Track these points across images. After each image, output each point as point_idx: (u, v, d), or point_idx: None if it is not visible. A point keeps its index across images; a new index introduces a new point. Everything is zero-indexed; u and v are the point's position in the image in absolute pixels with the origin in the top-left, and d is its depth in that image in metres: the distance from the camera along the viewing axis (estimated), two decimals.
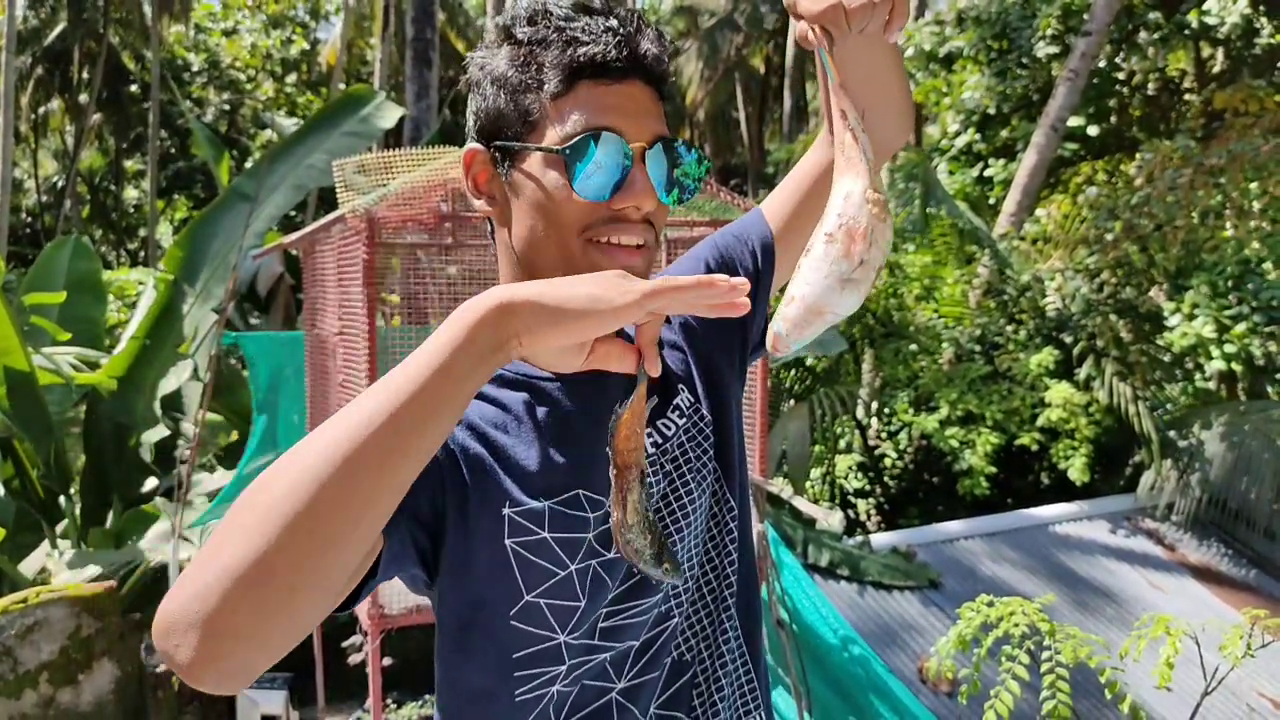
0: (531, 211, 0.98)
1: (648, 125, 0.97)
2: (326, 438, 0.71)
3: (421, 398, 0.73)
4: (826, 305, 0.88)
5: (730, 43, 22.48)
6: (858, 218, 0.89)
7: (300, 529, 0.68)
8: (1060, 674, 1.67)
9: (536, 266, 1.00)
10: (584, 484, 1.01)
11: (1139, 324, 8.53)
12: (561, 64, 0.94)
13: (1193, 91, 11.41)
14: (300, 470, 0.70)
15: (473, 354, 0.75)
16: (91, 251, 7.88)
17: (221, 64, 21.66)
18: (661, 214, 1.00)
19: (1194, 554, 7.50)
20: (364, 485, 0.70)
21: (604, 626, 1.02)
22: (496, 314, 0.75)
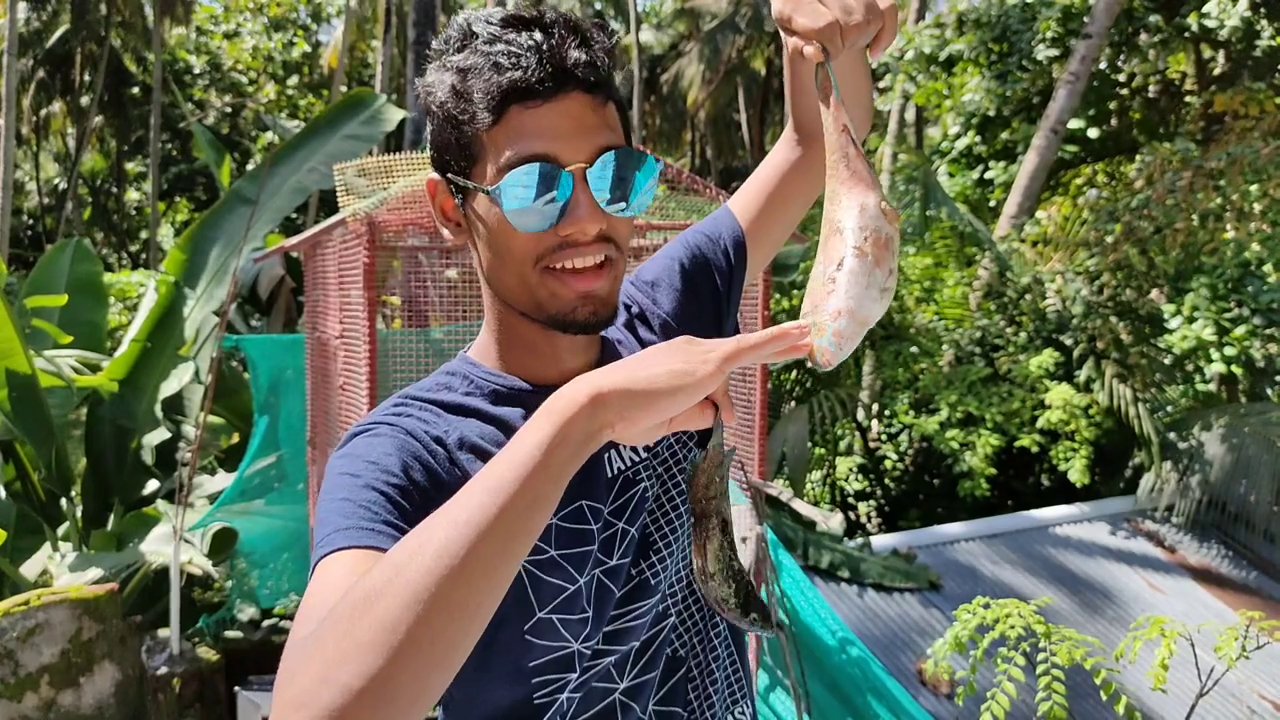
0: (486, 245, 0.98)
1: (587, 141, 0.93)
2: (436, 546, 0.69)
3: (525, 498, 0.72)
4: (870, 315, 0.91)
5: (731, 45, 22.51)
6: (880, 229, 0.91)
7: (421, 643, 0.66)
8: (1056, 675, 1.68)
9: (502, 294, 1.01)
10: (584, 494, 1.01)
11: (1139, 326, 8.54)
12: (489, 93, 0.91)
13: (1193, 94, 11.42)
14: (414, 581, 0.68)
15: (569, 449, 0.75)
16: (93, 254, 7.89)
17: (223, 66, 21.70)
18: (621, 225, 0.98)
19: (1194, 556, 7.50)
20: (477, 592, 0.70)
21: (609, 630, 1.03)
22: (590, 407, 0.76)
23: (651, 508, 1.06)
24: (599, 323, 0.98)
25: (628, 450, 1.05)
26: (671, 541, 1.07)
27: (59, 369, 6.31)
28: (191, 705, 5.28)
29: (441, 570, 0.68)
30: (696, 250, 1.21)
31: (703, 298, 1.19)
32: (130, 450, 6.64)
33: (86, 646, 5.28)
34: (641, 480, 1.05)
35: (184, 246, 7.18)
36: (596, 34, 0.96)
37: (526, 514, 0.72)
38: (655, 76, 24.85)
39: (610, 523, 1.03)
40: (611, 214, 0.95)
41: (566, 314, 0.96)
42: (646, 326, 1.16)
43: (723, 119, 25.95)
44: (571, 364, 1.05)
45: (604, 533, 1.02)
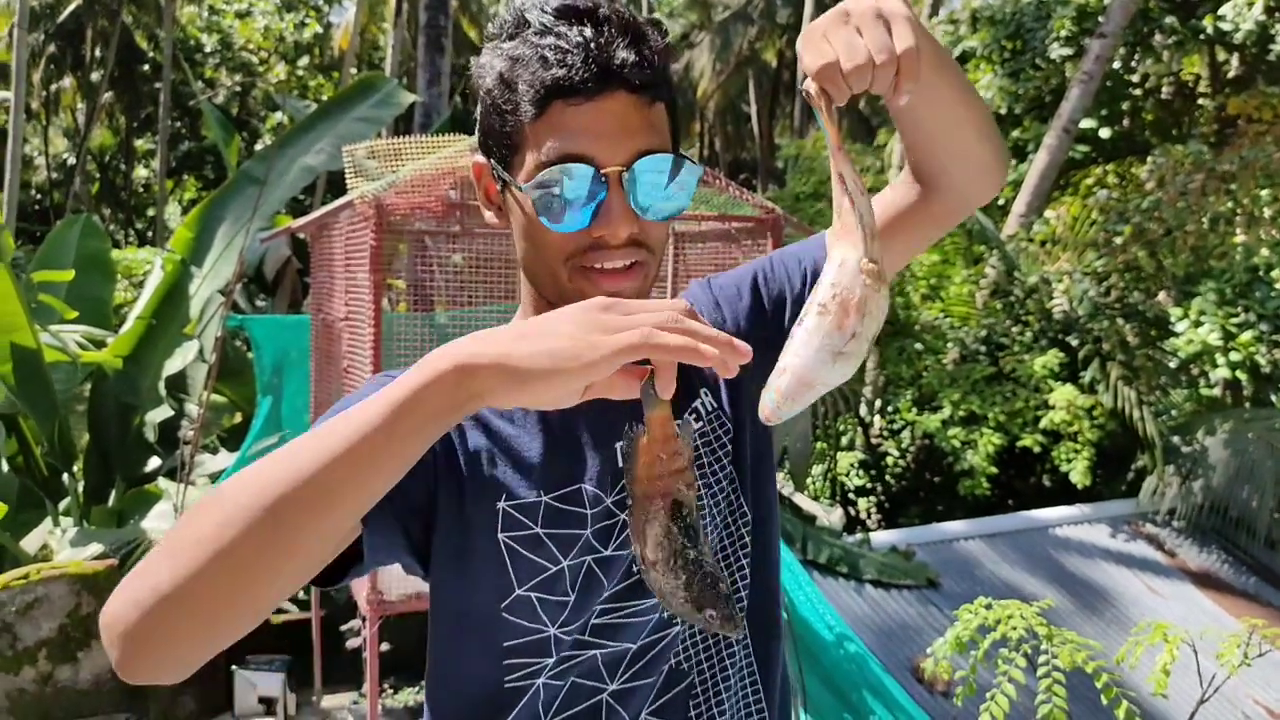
0: (522, 236, 0.99)
1: (627, 143, 0.92)
2: (264, 478, 0.71)
3: (359, 453, 0.71)
4: (817, 378, 0.87)
5: (743, 36, 22.42)
6: (851, 288, 0.86)
7: (224, 567, 0.69)
8: (1056, 678, 1.67)
9: (536, 285, 1.02)
10: (585, 479, 1.01)
11: (1145, 329, 8.51)
12: (534, 87, 0.91)
13: (1206, 96, 11.37)
14: (234, 508, 0.70)
15: (420, 415, 0.72)
16: (101, 231, 7.89)
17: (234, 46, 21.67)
18: (655, 230, 0.97)
19: (1194, 560, 7.50)
20: (286, 535, 0.70)
21: (597, 624, 1.01)
22: (455, 375, 0.71)
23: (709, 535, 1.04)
24: None
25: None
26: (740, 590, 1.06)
27: (64, 344, 6.31)
28: (188, 683, 5.30)
29: (265, 504, 0.70)
30: (777, 265, 1.18)
31: (765, 315, 1.15)
32: (133, 427, 6.65)
33: (85, 622, 5.30)
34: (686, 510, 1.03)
35: (191, 225, 7.18)
36: (649, 33, 0.94)
37: (357, 469, 0.71)
38: None
39: (611, 512, 1.01)
40: (646, 219, 0.94)
41: None
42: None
43: (732, 111, 25.88)
44: None
45: (602, 521, 1.00)
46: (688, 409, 1.08)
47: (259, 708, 5.27)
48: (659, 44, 0.95)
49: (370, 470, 0.72)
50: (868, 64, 0.81)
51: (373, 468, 0.72)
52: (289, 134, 7.75)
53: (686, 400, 1.08)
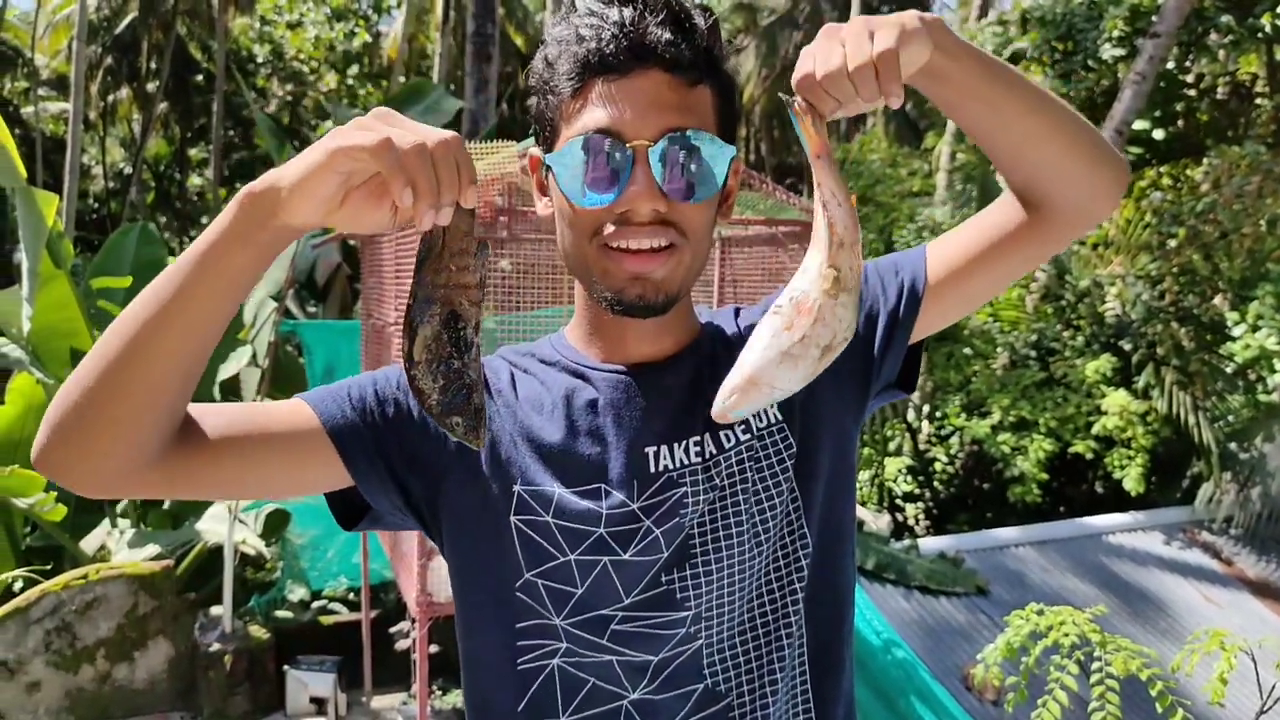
0: (558, 216, 1.00)
1: (656, 119, 0.91)
2: (134, 304, 0.83)
3: (187, 272, 0.81)
4: (763, 378, 0.86)
5: (790, 41, 22.34)
6: (808, 292, 0.87)
7: (96, 379, 0.82)
8: (1110, 685, 1.65)
9: (573, 271, 1.02)
10: (606, 478, 1.00)
11: (1201, 333, 8.35)
12: (570, 63, 0.93)
13: (1264, 96, 11.12)
14: (114, 323, 0.83)
15: (229, 234, 0.79)
16: (158, 237, 8.06)
17: (285, 56, 22.01)
18: (690, 213, 0.95)
19: (1252, 569, 7.33)
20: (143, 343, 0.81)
21: (617, 629, 1.00)
22: (247, 201, 0.79)
23: (700, 519, 1.01)
24: (647, 307, 0.97)
25: (680, 451, 1.02)
26: (714, 562, 1.01)
27: None
28: (241, 682, 5.39)
29: (128, 317, 0.82)
30: (871, 276, 1.11)
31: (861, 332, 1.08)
32: None
33: (141, 621, 5.41)
34: (684, 485, 1.01)
35: None
36: (694, 15, 0.94)
37: (187, 284, 0.81)
38: None
39: (636, 516, 0.99)
40: (671, 196, 0.92)
41: (615, 292, 0.96)
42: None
43: (778, 115, 25.78)
44: (638, 350, 1.05)
45: (622, 524, 0.99)
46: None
47: (310, 707, 5.35)
48: (703, 27, 0.94)
49: (196, 285, 0.81)
50: (840, 71, 0.80)
51: (199, 282, 0.81)
52: None
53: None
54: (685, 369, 1.06)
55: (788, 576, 1.05)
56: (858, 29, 0.82)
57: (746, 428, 1.04)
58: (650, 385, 1.04)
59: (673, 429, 1.03)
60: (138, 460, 0.85)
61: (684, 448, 1.02)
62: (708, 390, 0.99)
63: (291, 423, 0.97)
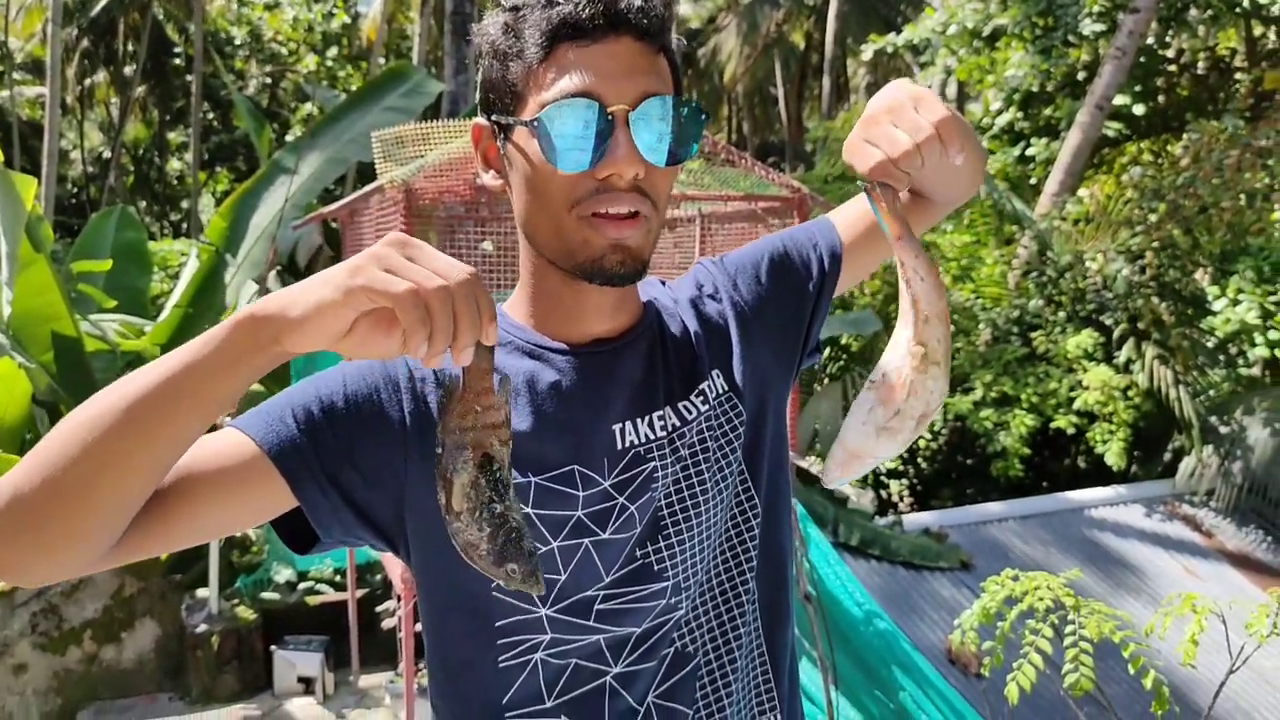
0: (524, 187, 0.96)
1: (632, 84, 0.91)
2: (97, 405, 0.76)
3: (166, 387, 0.75)
4: (864, 450, 0.92)
5: (770, 19, 22.27)
6: (901, 368, 0.92)
7: (44, 492, 0.74)
8: (1084, 647, 1.68)
9: (535, 241, 0.99)
10: (579, 459, 0.99)
11: (1182, 307, 8.41)
12: (540, 28, 0.91)
13: (1243, 71, 11.17)
14: (70, 428, 0.76)
15: (224, 353, 0.75)
16: (137, 221, 8.01)
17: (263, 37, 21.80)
18: (660, 178, 0.95)
19: (1232, 541, 7.42)
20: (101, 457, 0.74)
21: (601, 609, 1.00)
22: (249, 323, 0.74)
23: (668, 491, 1.03)
24: (626, 274, 0.95)
25: (644, 426, 1.03)
26: (685, 532, 1.03)
27: (104, 333, 6.42)
28: (229, 662, 5.40)
29: (90, 426, 0.75)
30: (790, 248, 1.18)
31: (786, 294, 1.16)
32: None
33: (128, 603, 5.41)
34: (653, 460, 1.02)
35: (225, 215, 7.27)
36: None
37: (166, 400, 0.75)
38: (693, 50, 24.65)
39: (609, 494, 0.99)
40: (651, 162, 0.92)
41: (594, 261, 0.94)
42: (717, 304, 1.13)
43: (760, 94, 25.73)
44: (596, 325, 1.03)
45: (598, 504, 0.99)
46: (694, 391, 1.06)
47: (298, 687, 5.36)
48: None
49: (176, 404, 0.75)
50: (913, 148, 0.89)
51: (180, 402, 0.75)
52: (319, 124, 7.83)
53: (692, 381, 1.07)
54: (641, 344, 1.06)
55: (741, 538, 1.09)
56: (899, 104, 0.92)
57: (704, 399, 1.06)
58: (611, 363, 1.03)
59: (636, 405, 1.03)
60: (95, 555, 0.81)
61: (648, 423, 1.03)
62: (662, 364, 1.05)
63: (234, 457, 0.90)
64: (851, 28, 20.09)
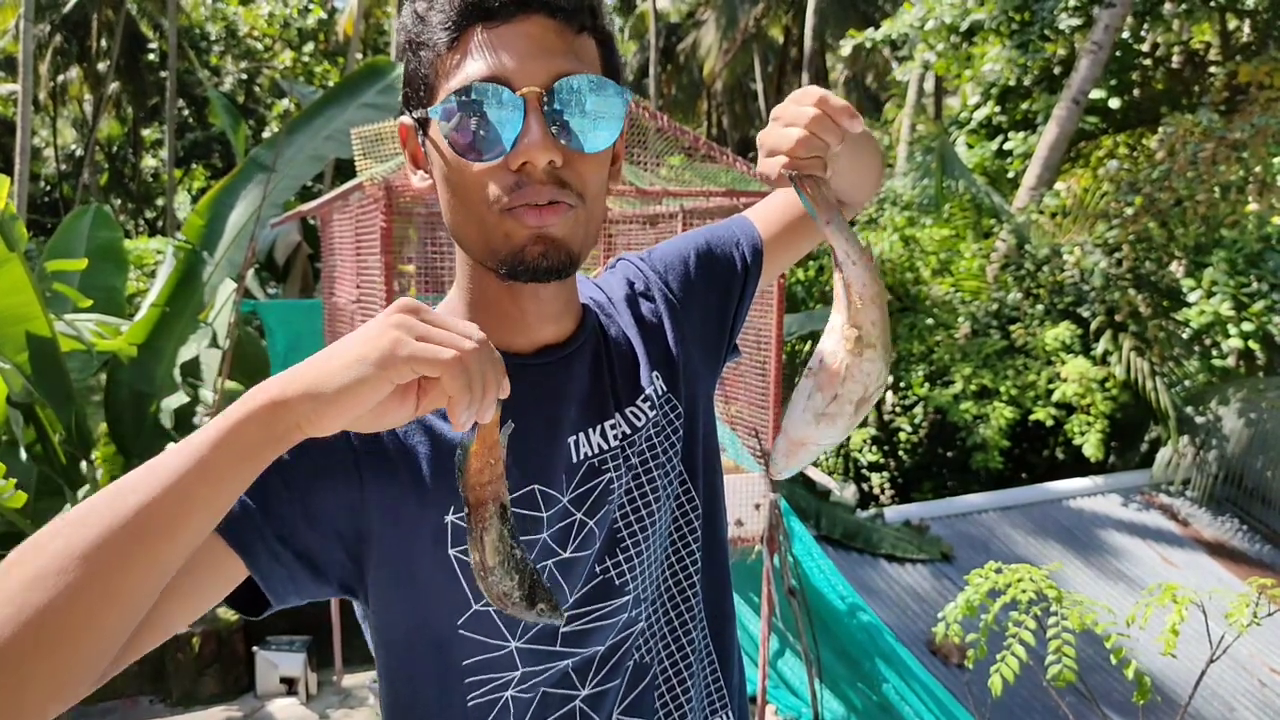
0: (444, 184, 0.90)
1: (543, 65, 0.84)
2: (80, 524, 0.66)
3: (173, 496, 0.66)
4: (806, 437, 0.92)
5: (749, 14, 22.28)
6: (835, 352, 0.91)
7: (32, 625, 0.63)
8: (1067, 639, 1.69)
9: (463, 243, 0.93)
10: (539, 478, 0.94)
11: (1158, 299, 8.48)
12: (446, 12, 0.85)
13: (1217, 64, 11.27)
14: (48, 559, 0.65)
15: (237, 450, 0.67)
16: (113, 220, 7.93)
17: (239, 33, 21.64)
18: (585, 165, 0.87)
19: (1208, 530, 7.50)
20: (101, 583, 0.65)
21: (566, 632, 0.96)
22: (268, 410, 0.67)
23: (622, 503, 0.99)
24: (550, 267, 0.87)
25: (597, 437, 0.99)
26: (641, 541, 1.00)
27: (79, 333, 6.36)
28: (211, 664, 5.37)
29: (77, 550, 0.65)
30: (714, 245, 1.17)
31: (712, 291, 1.14)
32: (149, 414, 6.70)
33: None
34: (608, 471, 0.98)
35: (202, 213, 7.21)
36: None
37: (173, 514, 0.67)
38: (672, 45, 24.66)
39: (568, 511, 0.95)
40: (569, 147, 0.85)
41: (516, 254, 0.87)
42: (650, 302, 1.10)
43: (739, 88, 25.75)
44: (541, 333, 0.97)
45: (559, 521, 0.94)
46: (640, 395, 1.03)
47: (281, 688, 5.34)
48: None
49: (185, 516, 0.67)
50: (805, 136, 0.89)
51: (187, 509, 0.67)
52: (296, 120, 7.76)
53: (637, 386, 1.04)
54: (587, 350, 1.01)
55: (685, 541, 1.06)
56: (781, 107, 0.93)
57: (652, 403, 1.04)
58: (560, 372, 0.98)
59: (588, 415, 0.99)
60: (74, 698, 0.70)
61: (600, 432, 0.99)
62: (608, 370, 1.03)
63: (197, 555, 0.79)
64: (830, 23, 20.12)
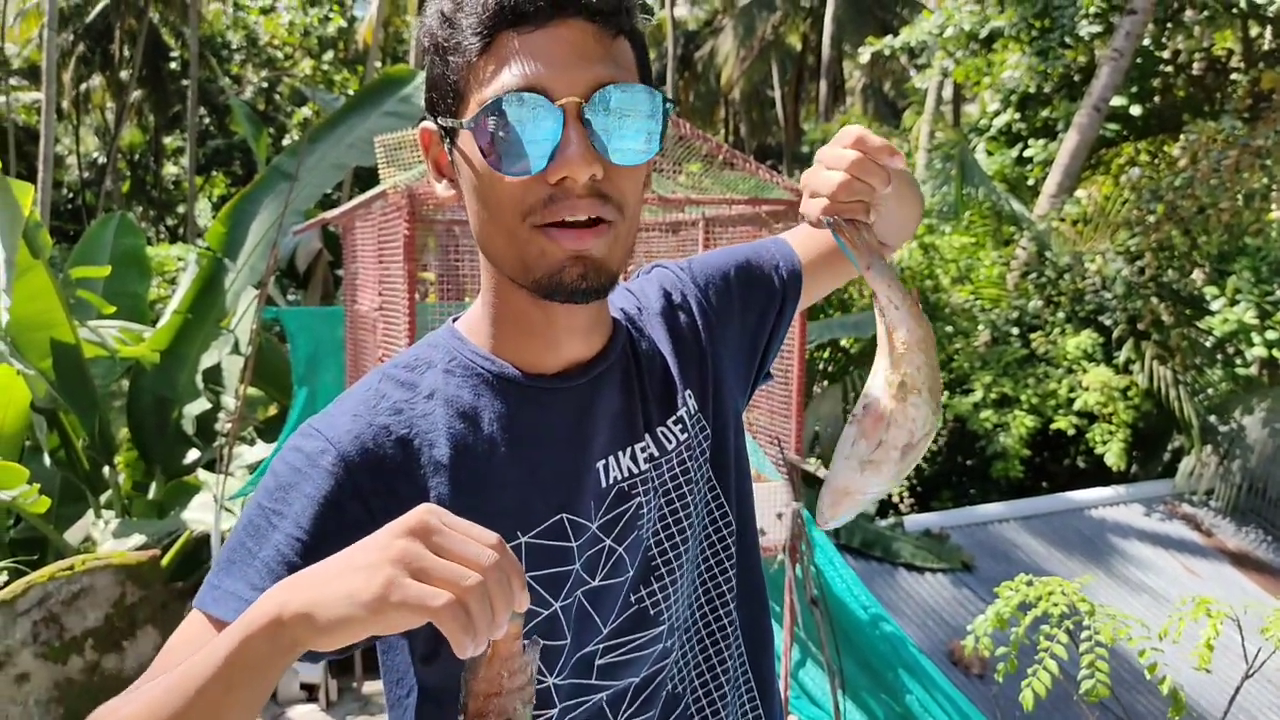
0: (473, 196, 0.85)
1: (583, 73, 0.79)
2: None
3: (197, 707, 0.68)
4: (851, 486, 0.91)
5: (766, 21, 22.29)
6: (879, 399, 0.90)
7: None
8: (1100, 653, 1.67)
9: (492, 257, 0.88)
10: (567, 506, 0.90)
11: (1180, 307, 8.42)
12: (477, 15, 0.80)
13: (1239, 71, 11.19)
14: None
15: (250, 664, 0.67)
16: (136, 227, 8.01)
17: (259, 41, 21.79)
18: (624, 178, 0.83)
19: (1232, 540, 7.42)
20: None
21: (601, 664, 0.93)
22: (270, 628, 0.66)
23: (655, 529, 0.96)
24: (589, 289, 0.83)
25: (627, 460, 0.95)
26: (676, 569, 0.96)
27: (102, 339, 6.41)
28: None
29: None
30: (754, 263, 1.12)
31: (750, 310, 1.10)
32: (171, 420, 6.75)
33: (129, 611, 5.39)
34: (637, 495, 0.94)
35: (224, 220, 7.26)
36: None
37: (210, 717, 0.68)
38: (689, 53, 24.69)
39: (597, 538, 0.92)
40: (611, 160, 0.81)
41: (553, 275, 0.82)
42: (686, 315, 1.05)
43: (757, 96, 25.75)
44: (570, 350, 0.92)
45: (588, 549, 0.91)
46: (671, 416, 0.99)
47: (301, 694, 5.35)
48: None
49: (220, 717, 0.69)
50: (846, 180, 0.89)
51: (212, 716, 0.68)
52: (318, 129, 7.81)
53: (669, 406, 1.00)
54: (617, 368, 0.97)
55: (720, 564, 1.03)
56: (824, 151, 0.92)
57: (682, 425, 1.00)
58: (591, 394, 0.94)
59: (618, 438, 0.95)
60: None
61: (630, 455, 0.95)
62: (639, 389, 0.98)
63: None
64: (847, 30, 20.10)
